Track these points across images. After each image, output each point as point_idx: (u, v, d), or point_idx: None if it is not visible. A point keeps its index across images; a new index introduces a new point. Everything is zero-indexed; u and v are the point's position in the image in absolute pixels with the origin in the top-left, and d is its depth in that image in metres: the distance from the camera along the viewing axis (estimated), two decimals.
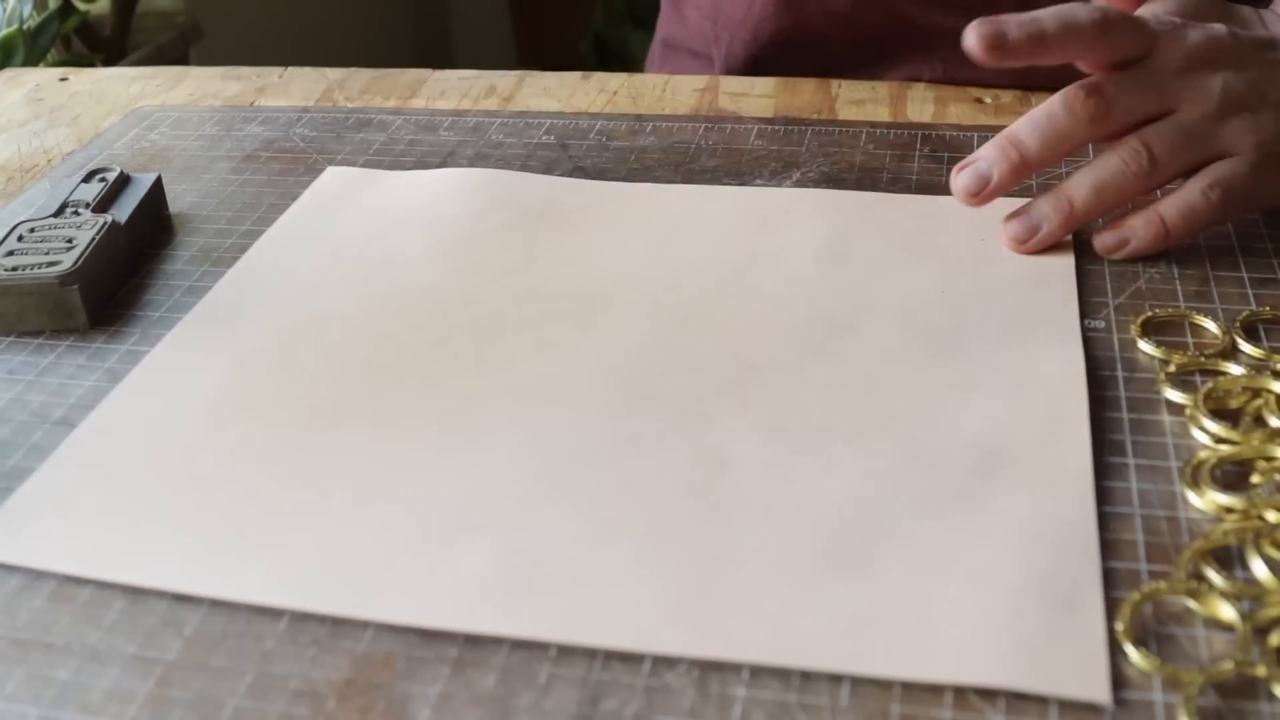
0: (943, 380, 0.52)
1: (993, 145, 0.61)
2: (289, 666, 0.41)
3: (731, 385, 0.52)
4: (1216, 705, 0.38)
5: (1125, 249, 0.59)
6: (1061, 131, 0.59)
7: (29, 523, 0.47)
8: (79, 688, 0.40)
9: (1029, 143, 0.60)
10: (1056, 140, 0.59)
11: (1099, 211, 0.60)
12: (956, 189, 0.61)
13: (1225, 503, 0.45)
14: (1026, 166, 0.60)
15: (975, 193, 0.61)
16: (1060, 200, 0.60)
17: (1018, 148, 0.60)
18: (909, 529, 0.45)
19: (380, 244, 0.65)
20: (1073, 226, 0.60)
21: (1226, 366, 0.52)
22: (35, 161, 0.78)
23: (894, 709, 0.38)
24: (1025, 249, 0.60)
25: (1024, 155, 0.60)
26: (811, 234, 0.63)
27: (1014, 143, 0.60)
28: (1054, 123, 0.59)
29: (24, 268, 0.59)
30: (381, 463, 0.49)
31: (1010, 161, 0.60)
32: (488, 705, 0.39)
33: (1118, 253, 0.59)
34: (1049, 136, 0.59)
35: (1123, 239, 0.59)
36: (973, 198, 0.61)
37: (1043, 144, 0.59)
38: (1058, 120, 0.59)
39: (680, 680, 0.40)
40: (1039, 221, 0.60)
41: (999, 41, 0.58)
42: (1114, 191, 0.59)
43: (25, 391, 0.55)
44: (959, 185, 0.61)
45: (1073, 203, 0.59)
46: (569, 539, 0.45)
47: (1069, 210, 0.59)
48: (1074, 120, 0.59)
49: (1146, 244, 0.59)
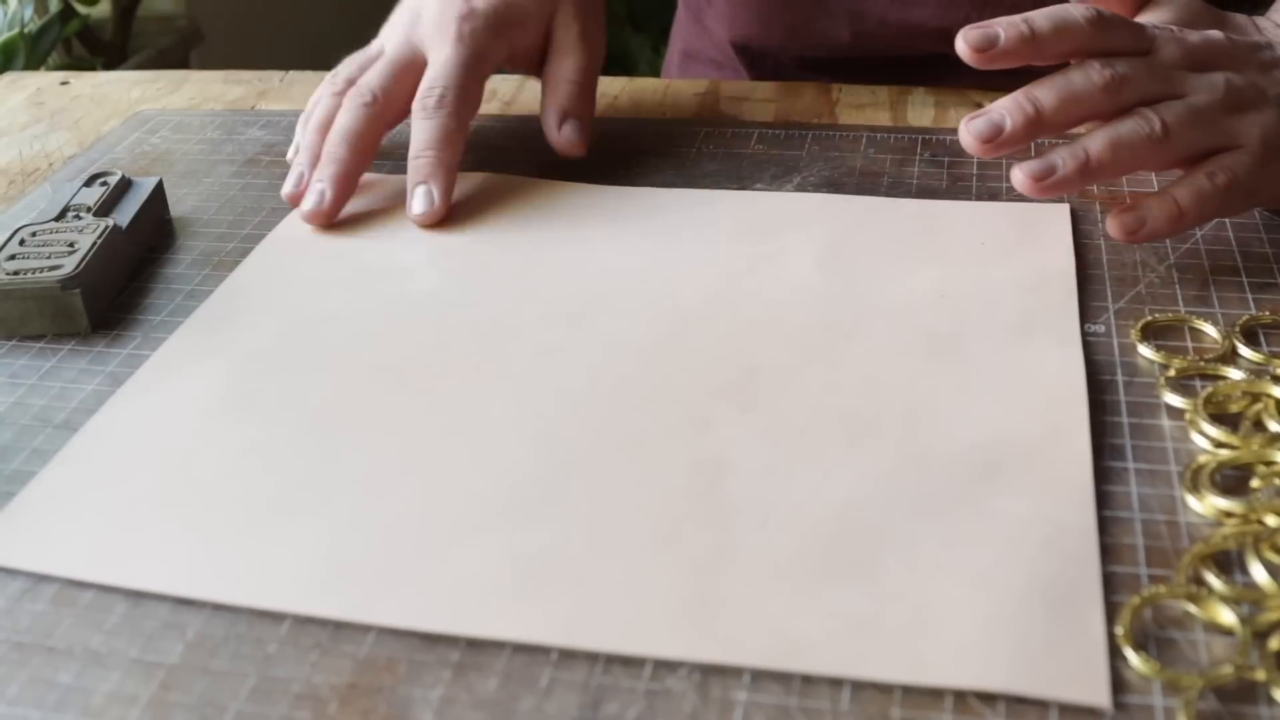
0: (943, 384, 0.52)
1: (1009, 99, 0.59)
2: (291, 670, 0.41)
3: (732, 389, 0.52)
4: (1216, 709, 0.38)
5: (1143, 229, 0.58)
6: (1077, 93, 0.58)
7: (31, 527, 0.47)
8: (81, 691, 0.41)
9: (1044, 99, 0.58)
10: (1072, 101, 0.58)
11: (1112, 170, 0.58)
12: (968, 135, 0.59)
13: (1225, 507, 0.45)
14: (1040, 122, 0.58)
15: (988, 139, 0.58)
16: (1077, 149, 0.58)
17: (1033, 102, 0.58)
18: (909, 533, 0.45)
19: (381, 248, 0.65)
20: (1087, 178, 0.58)
21: (1226, 371, 0.52)
22: (36, 165, 0.78)
23: (894, 713, 0.38)
24: (1039, 189, 0.58)
25: (1039, 110, 0.58)
26: (812, 238, 0.63)
27: (1030, 98, 0.58)
28: (1070, 85, 0.58)
29: (26, 272, 0.59)
30: (383, 467, 0.49)
31: (1025, 114, 0.58)
32: (489, 709, 0.39)
33: (1136, 234, 0.59)
34: (1065, 96, 0.58)
35: (1140, 219, 0.59)
36: (985, 144, 0.58)
37: (1059, 102, 0.58)
38: (1074, 83, 0.58)
39: (681, 684, 0.40)
40: (1055, 163, 0.58)
41: (989, 44, 0.58)
42: (1128, 151, 0.58)
43: (27, 395, 0.55)
44: (971, 130, 0.59)
45: (1089, 153, 0.58)
46: (570, 543, 0.45)
47: (1085, 159, 0.58)
48: (1090, 85, 0.58)
49: (1163, 223, 0.58)
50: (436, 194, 0.67)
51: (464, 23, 0.72)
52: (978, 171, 0.70)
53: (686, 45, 1.02)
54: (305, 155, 0.70)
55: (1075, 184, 0.58)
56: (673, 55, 1.05)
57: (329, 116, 0.71)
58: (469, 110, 0.70)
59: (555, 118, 0.72)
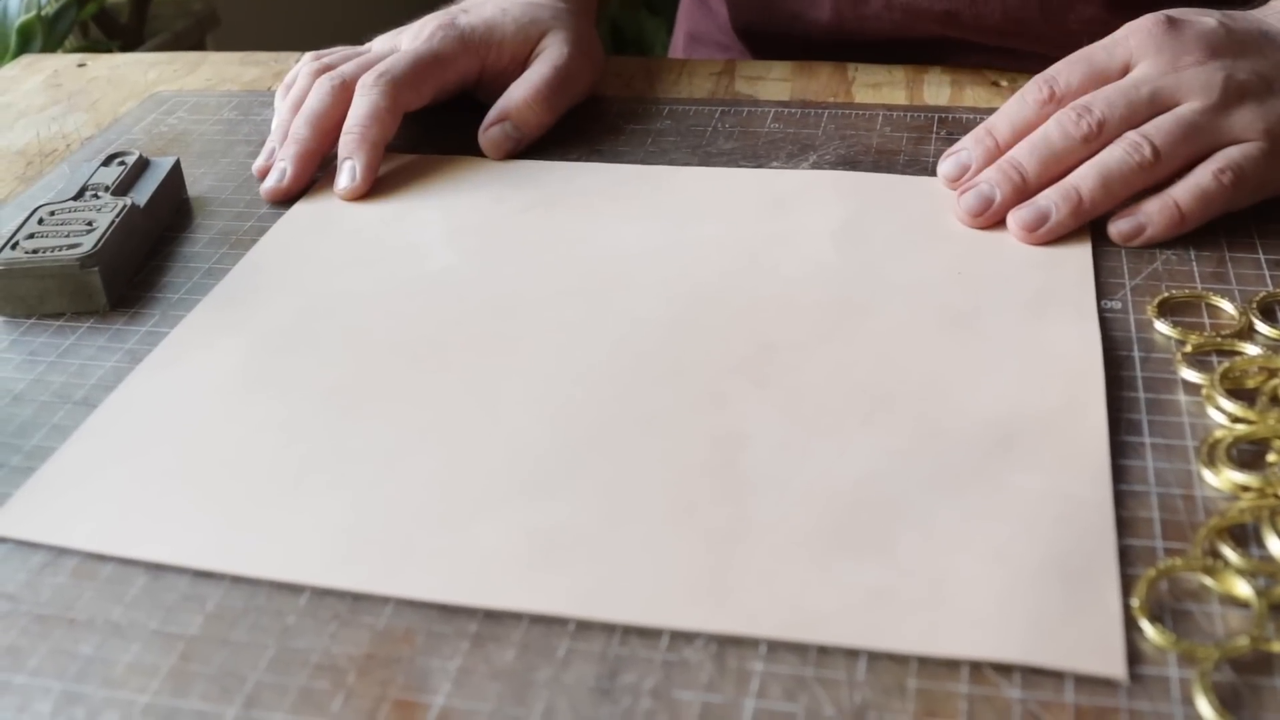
0: (959, 360, 0.52)
1: (995, 168, 0.62)
2: (310, 641, 0.41)
3: (749, 365, 0.53)
4: (1232, 680, 0.38)
5: (1141, 236, 0.59)
6: (1059, 153, 0.61)
7: (51, 501, 0.48)
8: (102, 662, 0.41)
9: (1028, 165, 0.61)
10: (1054, 161, 0.61)
11: (1106, 204, 0.60)
12: (960, 210, 0.62)
13: (1241, 481, 0.45)
14: (1028, 188, 0.61)
15: (979, 213, 0.61)
16: (1068, 190, 0.60)
17: (1018, 170, 0.61)
18: (925, 506, 0.45)
19: (398, 226, 0.65)
20: (1082, 218, 0.60)
21: (1243, 347, 0.52)
22: (54, 146, 0.79)
23: (910, 683, 0.38)
24: (1034, 239, 0.60)
25: (1025, 177, 0.61)
26: (828, 216, 0.63)
27: (1014, 165, 0.61)
28: (1050, 145, 0.61)
29: (44, 250, 0.59)
30: (401, 441, 0.50)
31: (1013, 183, 0.61)
32: (507, 679, 0.39)
33: (1134, 241, 0.59)
34: (1046, 158, 0.61)
35: (1139, 226, 0.59)
36: (976, 218, 0.62)
37: (1041, 165, 0.61)
38: (1054, 143, 0.61)
39: (698, 655, 0.40)
40: (1048, 209, 0.60)
41: (961, 171, 0.64)
42: (1120, 183, 0.59)
43: (47, 373, 0.55)
44: (963, 205, 0.62)
45: (1080, 193, 0.60)
46: (587, 516, 0.45)
47: (1077, 200, 0.60)
48: (1069, 140, 0.61)
49: (1162, 230, 0.59)
50: (359, 169, 0.68)
51: (438, 29, 0.75)
52: None
53: (692, 28, 1.02)
54: (277, 133, 0.72)
55: (1071, 227, 0.60)
56: (678, 38, 1.05)
57: (303, 96, 0.73)
58: (407, 96, 0.71)
59: (492, 116, 0.73)
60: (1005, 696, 0.38)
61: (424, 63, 0.73)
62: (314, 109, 0.71)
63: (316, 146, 0.70)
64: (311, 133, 0.70)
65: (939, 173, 0.65)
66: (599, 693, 0.39)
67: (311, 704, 0.39)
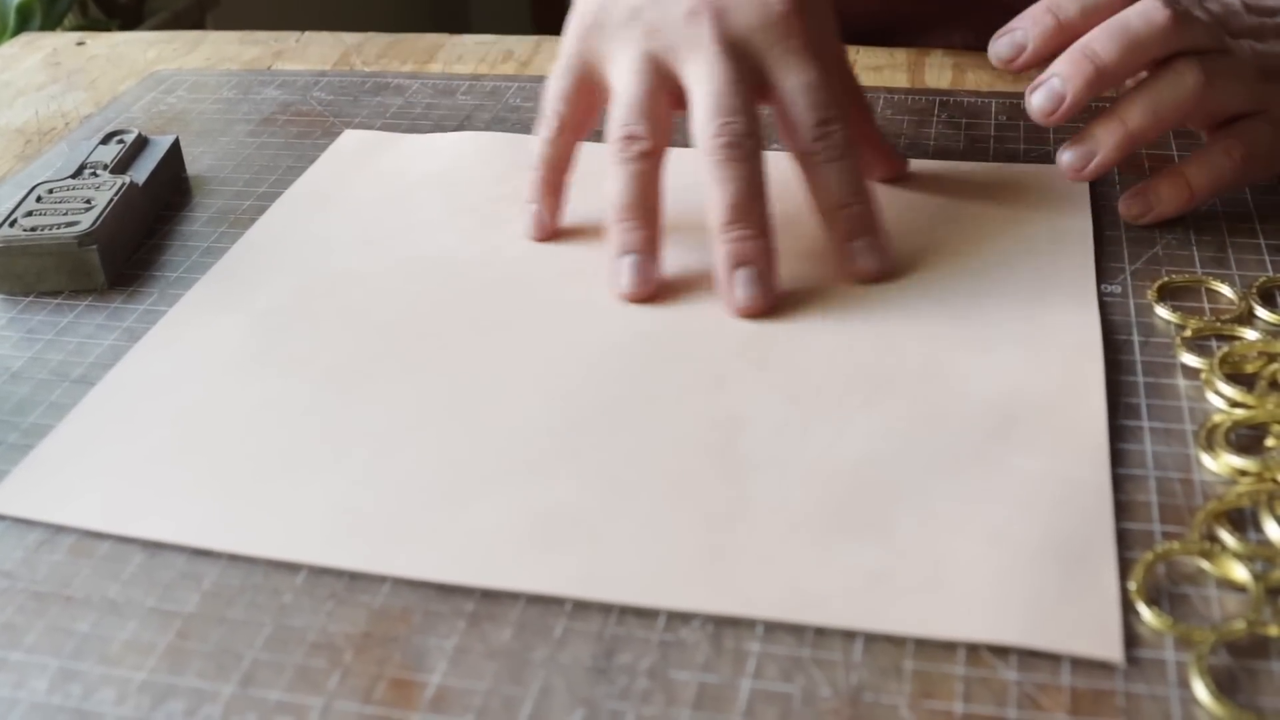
0: (959, 343, 0.52)
1: (1065, 59, 0.57)
2: (306, 619, 0.41)
3: (748, 346, 0.52)
4: (1228, 664, 0.38)
5: (1151, 214, 0.59)
6: (1140, 40, 0.56)
7: (48, 479, 0.48)
8: (99, 639, 0.41)
9: (1105, 53, 0.56)
10: (1137, 49, 0.56)
11: (1155, 131, 0.57)
12: (1032, 109, 0.57)
13: (1239, 465, 0.45)
14: (1103, 79, 0.56)
15: (1052, 111, 0.57)
16: (1114, 123, 0.57)
17: (1093, 60, 0.56)
18: (924, 489, 0.45)
19: (397, 206, 0.65)
20: (1129, 148, 0.57)
21: (1242, 332, 0.52)
22: (53, 125, 0.78)
23: (907, 665, 0.38)
24: (1082, 176, 0.58)
25: (1100, 68, 0.56)
26: None
27: (1088, 54, 0.56)
28: (1129, 31, 0.56)
29: (43, 228, 0.59)
30: (399, 420, 0.50)
31: (1085, 76, 0.56)
32: (503, 658, 0.39)
33: (1145, 218, 0.59)
34: (1127, 44, 0.56)
35: (1148, 204, 0.59)
36: (1049, 116, 0.57)
37: (1121, 53, 0.56)
38: (1134, 28, 0.56)
39: (695, 635, 0.40)
40: (1094, 148, 0.57)
41: (1017, 51, 0.58)
42: (1171, 107, 0.56)
43: (44, 350, 0.55)
44: (1034, 105, 0.57)
45: (1126, 123, 0.57)
46: (585, 497, 0.45)
47: (1123, 132, 0.57)
48: (1152, 28, 0.56)
49: (1172, 207, 0.59)
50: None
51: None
52: (995, 133, 0.69)
53: None
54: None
55: (1118, 160, 0.57)
56: None
57: None
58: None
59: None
60: (1002, 678, 0.38)
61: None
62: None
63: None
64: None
65: (991, 52, 0.59)
66: (595, 672, 0.39)
67: (308, 682, 0.39)
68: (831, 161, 0.56)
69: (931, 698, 0.37)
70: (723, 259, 0.55)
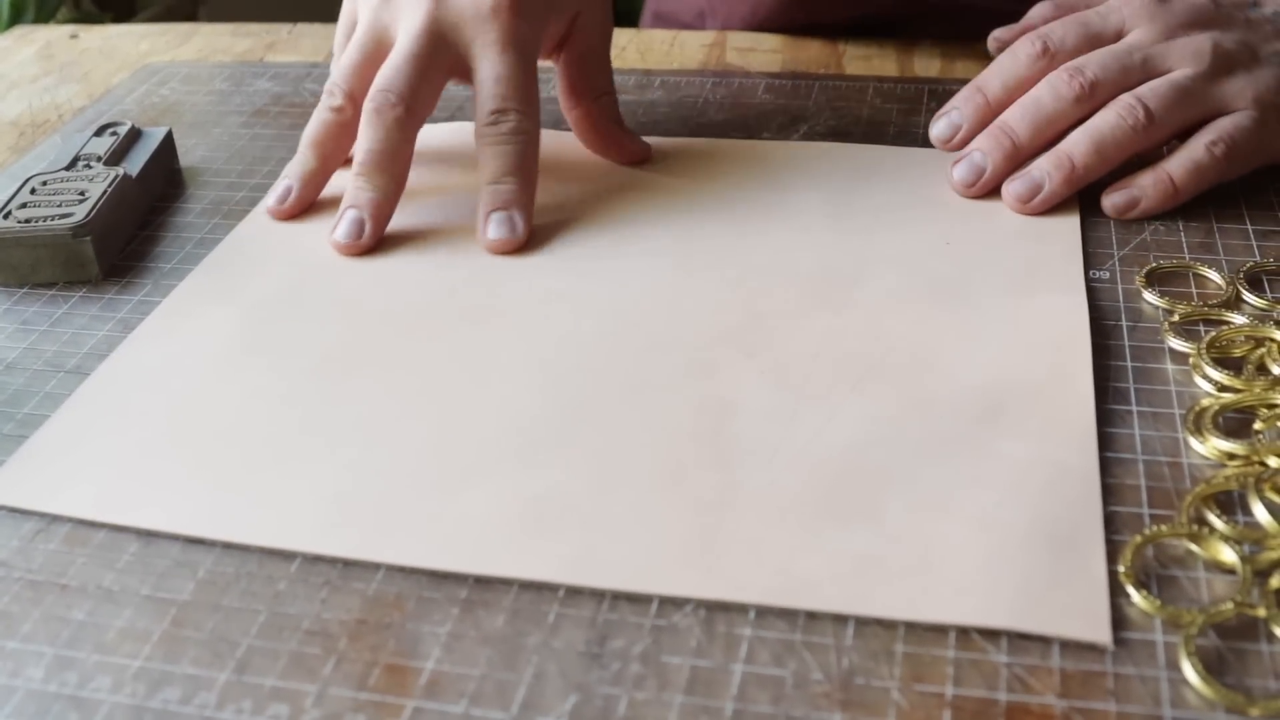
0: (948, 329, 0.52)
1: (986, 135, 0.62)
2: (301, 607, 0.41)
3: (738, 333, 0.53)
4: (1216, 645, 0.38)
5: (1136, 209, 0.59)
6: (1050, 115, 0.61)
7: (43, 469, 0.48)
8: (94, 628, 0.41)
9: (1020, 129, 0.61)
10: (1046, 124, 0.61)
11: (1100, 169, 0.60)
12: (954, 180, 0.62)
13: (1227, 448, 0.45)
14: (1019, 153, 0.61)
15: (972, 183, 0.62)
16: (1061, 158, 0.60)
17: (1010, 135, 0.61)
18: (913, 474, 0.45)
19: None
20: (1075, 185, 0.60)
21: (1230, 316, 0.52)
22: (46, 117, 0.78)
23: (898, 648, 0.39)
24: (1028, 209, 0.60)
25: (1016, 143, 0.61)
26: (818, 186, 0.63)
27: (1006, 131, 0.61)
28: (1041, 107, 0.61)
29: (37, 219, 0.59)
30: (391, 409, 0.50)
31: (1004, 150, 0.61)
32: (497, 644, 0.40)
33: (1129, 213, 0.60)
34: (1038, 121, 0.61)
35: (1133, 199, 0.60)
36: (969, 188, 0.62)
37: (1033, 129, 0.61)
38: (1045, 105, 0.61)
39: (687, 620, 0.40)
40: (1041, 180, 0.60)
41: (953, 132, 0.64)
42: (1114, 147, 0.59)
43: (39, 341, 0.55)
44: (957, 176, 0.62)
45: (1073, 160, 0.60)
46: (577, 483, 0.45)
47: (1070, 168, 0.60)
48: (1060, 102, 0.60)
49: (1156, 203, 0.59)
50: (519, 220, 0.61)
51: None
52: None
53: (657, 8, 1.01)
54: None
55: (1065, 194, 0.60)
56: (645, 18, 1.04)
57: None
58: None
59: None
60: (992, 661, 0.38)
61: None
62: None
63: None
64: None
65: (931, 134, 0.65)
66: (588, 657, 0.39)
67: (303, 669, 0.39)
68: (494, 145, 0.61)
69: (922, 681, 0.38)
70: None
